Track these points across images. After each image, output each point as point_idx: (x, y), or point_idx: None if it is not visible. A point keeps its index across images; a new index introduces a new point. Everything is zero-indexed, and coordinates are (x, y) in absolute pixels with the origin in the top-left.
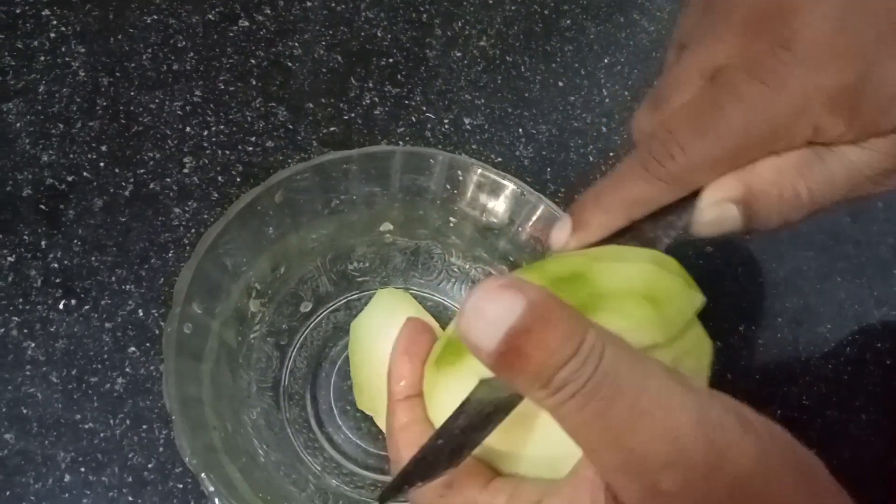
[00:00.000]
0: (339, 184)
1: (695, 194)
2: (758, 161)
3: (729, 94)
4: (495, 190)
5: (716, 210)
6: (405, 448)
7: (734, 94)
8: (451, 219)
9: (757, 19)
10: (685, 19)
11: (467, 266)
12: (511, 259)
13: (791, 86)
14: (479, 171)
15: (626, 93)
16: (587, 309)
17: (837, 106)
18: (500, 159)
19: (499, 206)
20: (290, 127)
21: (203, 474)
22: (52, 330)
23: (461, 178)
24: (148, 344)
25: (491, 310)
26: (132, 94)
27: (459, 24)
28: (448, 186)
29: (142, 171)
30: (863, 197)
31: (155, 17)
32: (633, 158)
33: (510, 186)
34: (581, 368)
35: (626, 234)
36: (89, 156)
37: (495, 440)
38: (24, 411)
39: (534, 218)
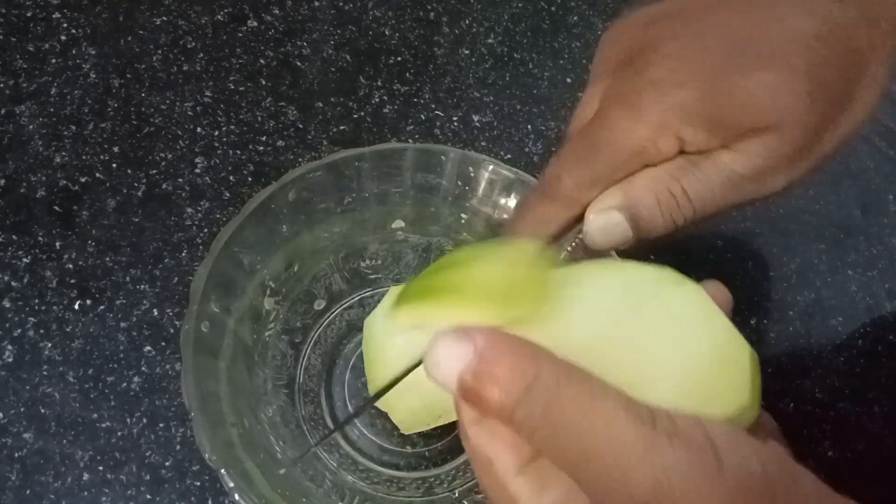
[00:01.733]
0: (351, 181)
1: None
2: (636, 174)
3: (599, 120)
4: (507, 186)
5: (601, 217)
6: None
7: (604, 120)
8: (463, 215)
9: (626, 59)
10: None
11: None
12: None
13: (648, 105)
14: (491, 167)
15: None
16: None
17: (693, 117)
18: (509, 156)
19: (510, 203)
20: (301, 126)
21: (223, 470)
22: (68, 330)
23: (472, 174)
24: (163, 343)
25: (444, 359)
26: (143, 95)
27: (467, 22)
28: (459, 183)
29: (154, 171)
30: (753, 200)
31: (164, 18)
32: (535, 189)
33: (522, 182)
34: (531, 409)
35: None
36: (102, 157)
37: None
38: (42, 411)
39: None
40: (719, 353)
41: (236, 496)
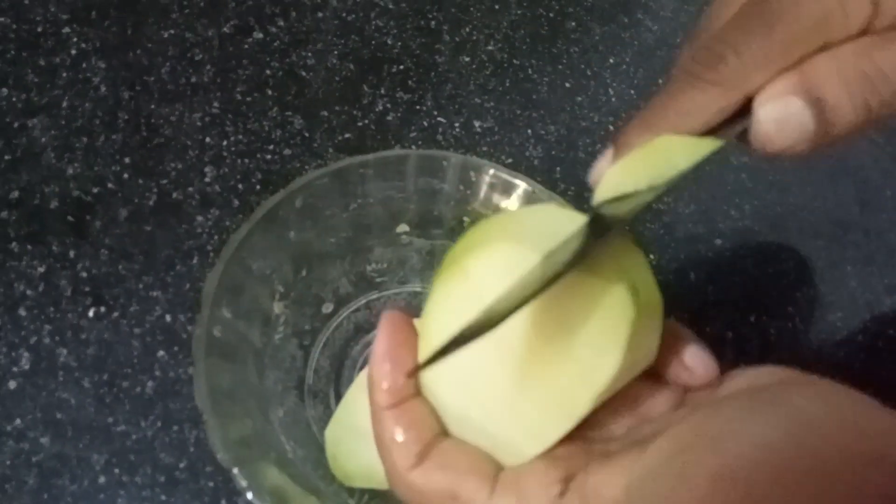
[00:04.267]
0: (356, 188)
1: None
2: (813, 56)
3: None
4: (507, 189)
5: (775, 106)
6: (400, 458)
7: None
8: (465, 219)
9: None
10: None
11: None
12: None
13: None
14: (492, 171)
15: (632, 91)
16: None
17: None
18: (510, 160)
19: (511, 206)
20: (307, 135)
21: (235, 469)
22: (82, 337)
23: (474, 178)
24: (176, 347)
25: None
26: (152, 107)
27: (467, 30)
28: (461, 187)
29: (164, 181)
30: None
31: (172, 31)
32: (679, 75)
33: (522, 186)
34: None
35: None
36: (113, 168)
37: (498, 430)
38: (59, 416)
39: None
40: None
41: (248, 495)
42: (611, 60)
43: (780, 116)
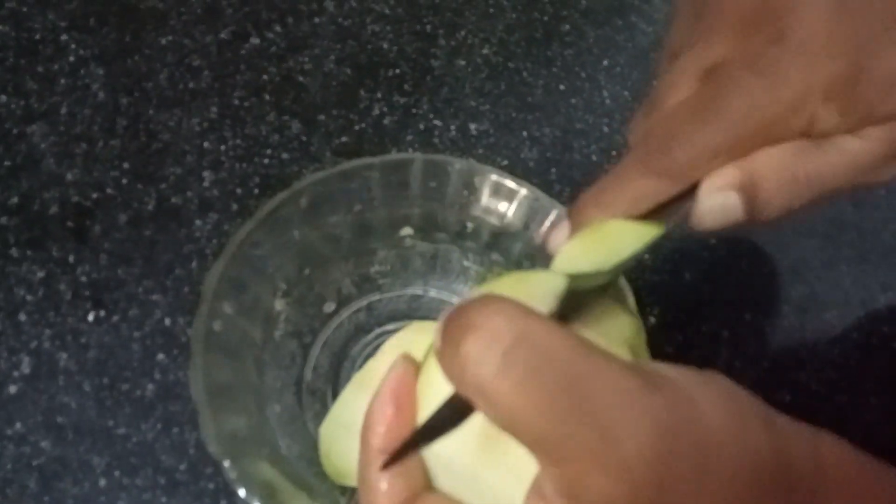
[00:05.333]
0: (361, 190)
1: (692, 190)
2: (755, 153)
3: (729, 86)
4: (510, 196)
5: (716, 197)
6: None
7: (734, 86)
8: (469, 224)
9: (750, 19)
10: (675, 28)
11: (483, 269)
12: (525, 262)
13: (790, 78)
14: (494, 177)
15: (627, 93)
16: None
17: (832, 96)
18: (506, 162)
19: (513, 212)
20: (304, 139)
21: (225, 462)
22: (83, 341)
23: (477, 184)
24: (176, 351)
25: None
26: (151, 112)
27: (462, 34)
28: (465, 193)
29: (163, 186)
30: (865, 186)
31: (170, 37)
32: (632, 157)
33: (524, 192)
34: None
35: None
36: (112, 173)
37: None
38: (60, 419)
39: (547, 223)
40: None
41: (241, 492)
42: (605, 63)
43: (719, 207)
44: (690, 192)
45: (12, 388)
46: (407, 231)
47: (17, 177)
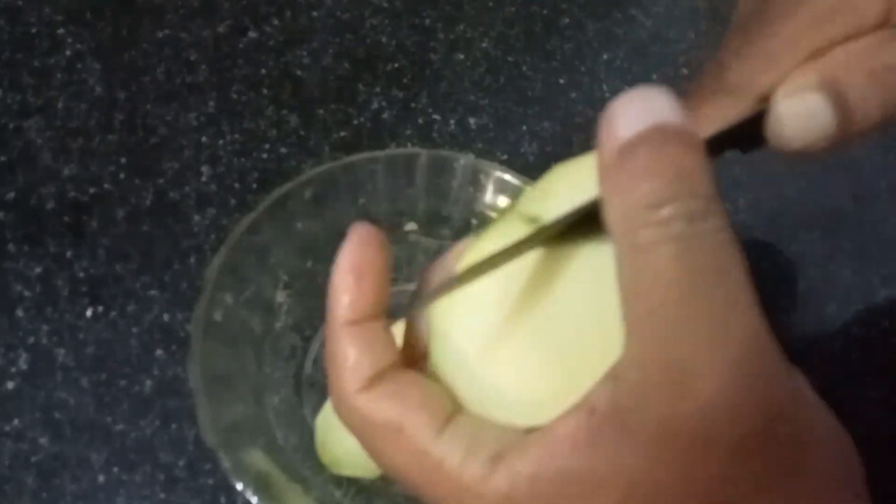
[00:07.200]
0: (365, 184)
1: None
2: (830, 51)
3: None
4: (515, 193)
5: (794, 102)
6: (352, 379)
7: None
8: (473, 220)
9: None
10: None
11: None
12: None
13: None
14: (497, 173)
15: (626, 86)
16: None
17: None
18: (505, 156)
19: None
20: (302, 133)
21: (220, 451)
22: (80, 337)
23: (482, 180)
24: (174, 346)
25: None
26: (148, 107)
27: (461, 28)
28: (471, 189)
29: (161, 180)
30: None
31: (167, 31)
32: (695, 85)
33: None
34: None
35: None
36: (109, 168)
37: (468, 377)
38: (57, 416)
39: None
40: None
41: (238, 485)
42: (604, 56)
43: (801, 112)
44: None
45: (10, 385)
46: (411, 226)
47: (14, 172)
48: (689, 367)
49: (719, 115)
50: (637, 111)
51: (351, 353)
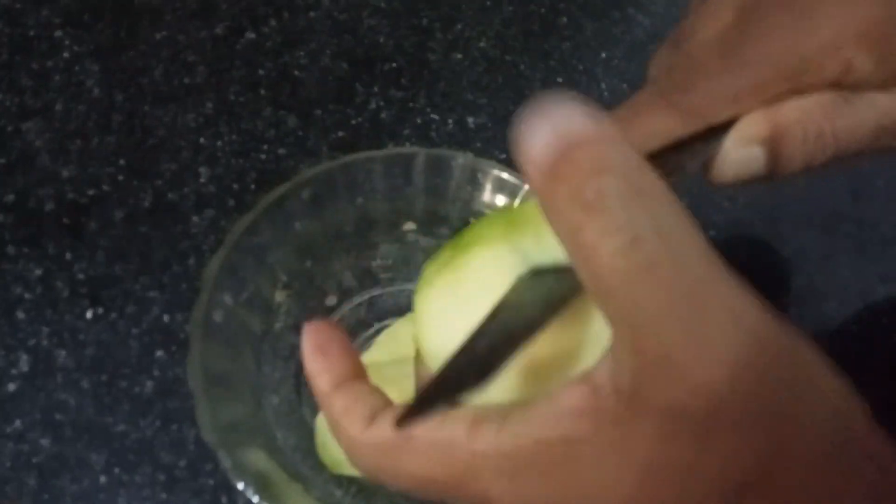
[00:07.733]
0: (364, 183)
1: (705, 135)
2: (782, 102)
3: (761, 24)
4: (514, 192)
5: (742, 151)
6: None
7: (767, 24)
8: (471, 219)
9: None
10: None
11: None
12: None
13: (824, 17)
14: (495, 171)
15: (625, 85)
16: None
17: (868, 41)
18: (503, 155)
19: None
20: (301, 134)
21: (220, 451)
22: (80, 338)
23: (480, 180)
24: (174, 347)
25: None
26: (146, 108)
27: (459, 28)
28: (469, 188)
29: (159, 182)
30: (890, 148)
31: (165, 33)
32: (649, 90)
33: (527, 187)
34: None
35: None
36: (108, 170)
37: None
38: (58, 417)
39: None
40: None
41: (239, 485)
42: (602, 56)
43: (743, 160)
44: (703, 137)
45: (11, 386)
46: (409, 226)
47: (12, 174)
48: (681, 354)
49: (666, 128)
50: (542, 127)
51: (344, 406)
